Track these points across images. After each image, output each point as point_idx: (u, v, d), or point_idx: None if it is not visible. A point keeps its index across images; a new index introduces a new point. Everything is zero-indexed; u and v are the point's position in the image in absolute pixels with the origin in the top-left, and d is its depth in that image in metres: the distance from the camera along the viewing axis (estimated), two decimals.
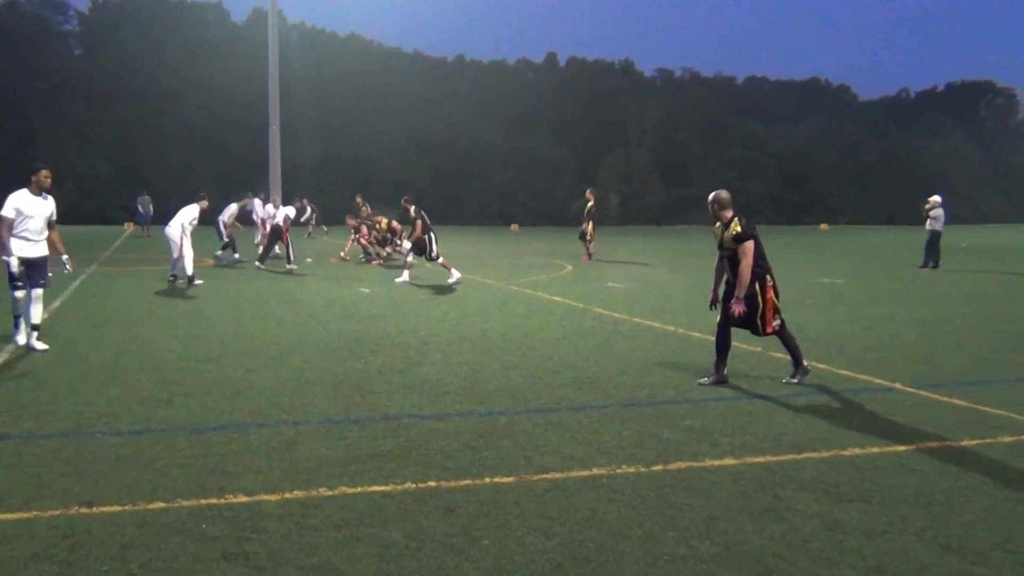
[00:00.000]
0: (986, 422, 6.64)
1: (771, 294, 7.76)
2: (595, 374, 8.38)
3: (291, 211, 21.77)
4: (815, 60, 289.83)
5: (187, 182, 41.01)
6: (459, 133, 69.53)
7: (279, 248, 21.37)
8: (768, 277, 7.76)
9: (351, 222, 24.05)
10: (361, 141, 65.13)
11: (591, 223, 24.87)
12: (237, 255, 22.08)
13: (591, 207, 24.94)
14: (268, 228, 21.98)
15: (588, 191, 25.79)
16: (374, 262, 22.78)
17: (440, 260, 17.30)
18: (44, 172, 9.39)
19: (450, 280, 16.94)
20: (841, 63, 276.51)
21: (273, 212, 22.15)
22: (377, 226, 22.98)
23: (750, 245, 7.63)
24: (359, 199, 24.49)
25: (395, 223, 22.58)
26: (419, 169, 65.79)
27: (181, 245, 16.05)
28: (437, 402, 7.14)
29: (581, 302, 14.47)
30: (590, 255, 24.73)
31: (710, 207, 8.04)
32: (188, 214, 16.49)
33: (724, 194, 8.07)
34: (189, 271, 16.07)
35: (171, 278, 16.35)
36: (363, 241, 23.41)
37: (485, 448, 5.78)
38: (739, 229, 7.70)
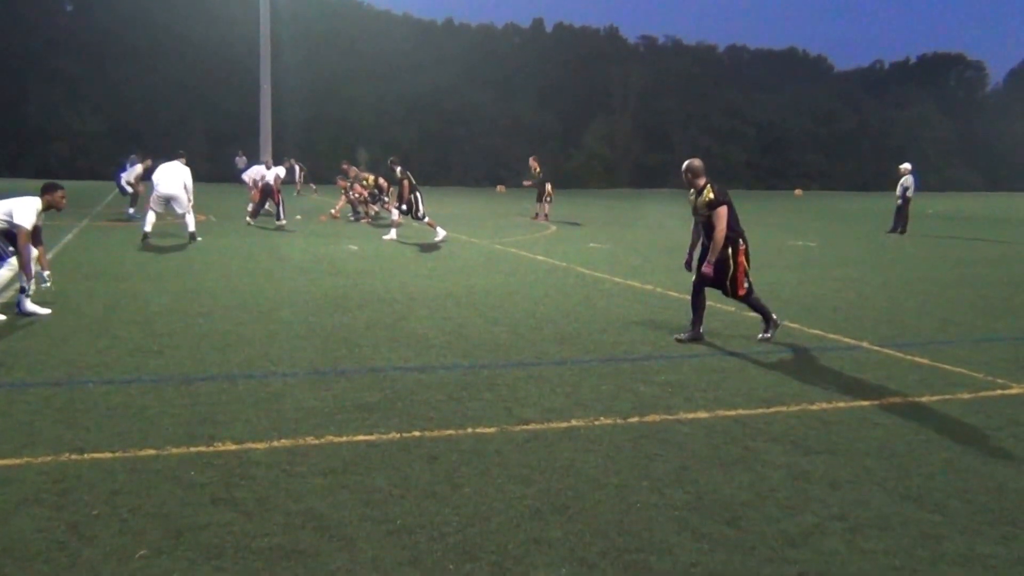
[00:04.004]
0: (946, 379, 6.78)
1: (742, 258, 7.89)
2: (575, 330, 8.49)
3: (281, 171, 21.95)
4: (793, 30, 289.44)
5: (177, 139, 40.69)
6: (447, 96, 68.89)
7: (269, 206, 21.51)
8: (740, 241, 7.89)
9: (342, 183, 24.30)
10: (350, 102, 64.54)
11: (549, 184, 25.86)
12: (132, 210, 21.62)
13: (539, 172, 25.90)
14: (259, 187, 22.12)
15: (532, 159, 26.64)
16: (363, 220, 22.96)
17: (426, 219, 17.38)
18: (61, 192, 8.79)
19: (436, 239, 17.02)
20: (818, 34, 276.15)
21: (264, 172, 22.22)
22: (364, 182, 23.13)
23: (723, 211, 7.76)
24: (346, 165, 24.68)
25: (381, 180, 22.74)
26: (407, 130, 65.33)
27: (187, 201, 16.19)
28: (422, 355, 7.20)
29: (563, 261, 14.60)
30: (546, 216, 25.54)
31: (684, 175, 8.15)
32: (186, 173, 16.41)
33: (697, 162, 8.18)
34: (191, 228, 16.28)
35: (190, 236, 16.30)
36: (354, 197, 23.56)
37: (468, 400, 5.86)
38: (711, 196, 7.83)
